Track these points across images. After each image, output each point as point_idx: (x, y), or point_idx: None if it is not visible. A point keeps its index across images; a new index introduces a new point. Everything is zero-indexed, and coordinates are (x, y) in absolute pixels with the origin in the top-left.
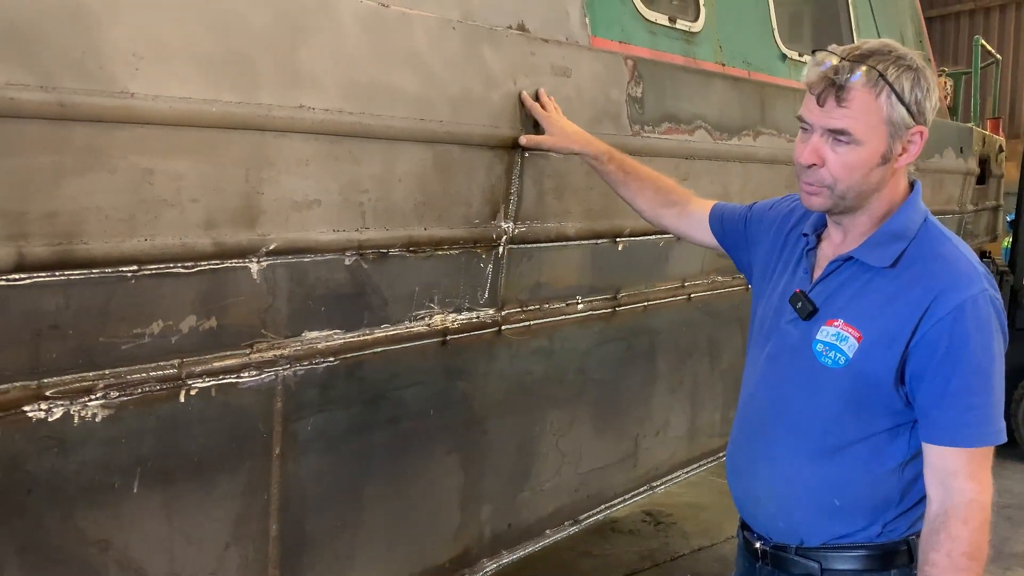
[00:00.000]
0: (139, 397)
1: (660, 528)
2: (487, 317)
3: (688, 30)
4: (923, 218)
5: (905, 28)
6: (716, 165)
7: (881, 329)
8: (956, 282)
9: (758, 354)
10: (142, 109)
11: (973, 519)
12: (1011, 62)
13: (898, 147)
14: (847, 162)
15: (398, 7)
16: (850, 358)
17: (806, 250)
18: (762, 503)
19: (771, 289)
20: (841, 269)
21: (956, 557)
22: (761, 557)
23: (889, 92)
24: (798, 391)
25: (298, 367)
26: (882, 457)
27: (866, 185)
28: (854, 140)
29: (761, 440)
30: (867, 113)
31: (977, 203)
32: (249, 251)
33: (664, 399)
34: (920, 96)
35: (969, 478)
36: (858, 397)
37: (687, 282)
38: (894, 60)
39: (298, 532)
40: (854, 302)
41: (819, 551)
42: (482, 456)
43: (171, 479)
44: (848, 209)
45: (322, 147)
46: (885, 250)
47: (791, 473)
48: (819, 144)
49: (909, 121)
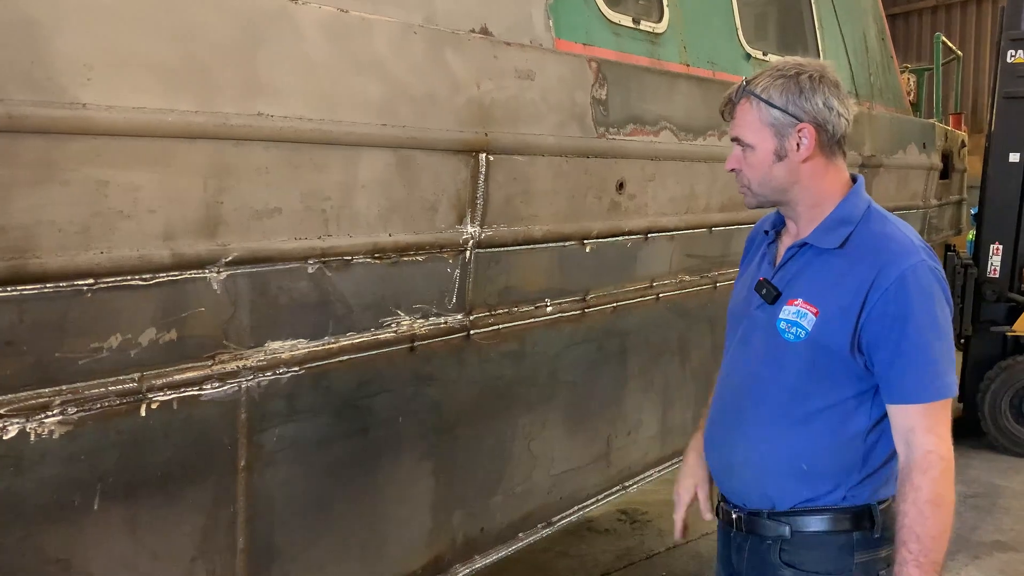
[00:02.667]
0: (98, 412)
1: (636, 527)
2: (455, 322)
3: (652, 31)
4: (867, 205)
5: (867, 26)
6: (682, 166)
7: (835, 303)
8: (897, 255)
9: (731, 339)
10: (95, 120)
11: (932, 468)
12: (972, 58)
13: (790, 144)
14: (750, 163)
15: (358, 12)
16: (809, 331)
17: (768, 244)
18: (736, 472)
19: (741, 284)
20: (798, 255)
21: (921, 505)
22: (736, 524)
23: (759, 101)
24: (766, 366)
25: (262, 378)
26: (847, 424)
27: (775, 180)
28: (747, 145)
29: (734, 414)
30: (748, 121)
31: (941, 198)
32: (209, 261)
33: (635, 399)
34: (794, 97)
35: (927, 432)
36: (819, 366)
37: (655, 282)
38: (771, 73)
39: (266, 544)
40: (811, 282)
41: (789, 515)
42: (453, 461)
43: (134, 494)
44: (776, 203)
45: (282, 154)
46: (834, 233)
47: (762, 442)
48: (736, 153)
49: (790, 120)
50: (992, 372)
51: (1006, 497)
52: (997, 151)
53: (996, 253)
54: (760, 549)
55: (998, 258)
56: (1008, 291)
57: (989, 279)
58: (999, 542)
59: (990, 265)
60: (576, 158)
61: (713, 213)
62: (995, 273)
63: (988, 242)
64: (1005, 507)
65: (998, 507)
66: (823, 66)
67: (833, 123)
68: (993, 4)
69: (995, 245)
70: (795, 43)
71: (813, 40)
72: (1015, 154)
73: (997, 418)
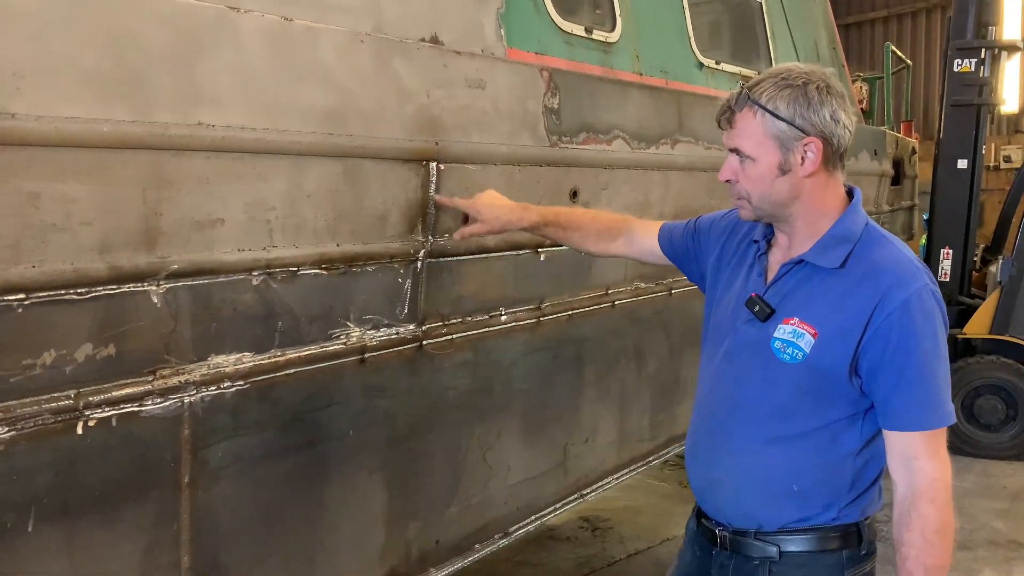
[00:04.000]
0: (31, 431)
1: (597, 534)
2: (407, 333)
3: (605, 40)
4: (865, 222)
5: (819, 36)
6: (636, 174)
7: (835, 325)
8: (901, 279)
9: (714, 353)
10: (25, 130)
11: (939, 497)
12: (922, 67)
13: (795, 158)
14: (750, 176)
15: (303, 21)
16: (807, 353)
17: (757, 255)
18: (722, 491)
19: (725, 293)
20: (793, 272)
21: (928, 535)
22: (720, 543)
23: (763, 112)
24: (756, 385)
25: (205, 392)
26: (837, 444)
27: (776, 195)
28: (748, 156)
29: (720, 432)
30: (750, 132)
31: (893, 203)
32: (148, 274)
33: (592, 407)
34: (802, 110)
35: (930, 458)
36: (815, 388)
37: (611, 290)
38: (776, 81)
39: (212, 562)
40: (808, 301)
41: (777, 535)
42: (406, 474)
43: (71, 514)
44: (773, 218)
45: (224, 164)
46: (833, 252)
47: (750, 460)
48: (733, 163)
49: (796, 133)
50: None
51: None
52: (946, 157)
53: (947, 257)
54: (746, 569)
55: (948, 262)
56: (959, 294)
57: (940, 283)
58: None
59: (941, 269)
60: (529, 167)
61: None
62: (946, 277)
63: (939, 246)
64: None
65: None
66: (828, 75)
67: (839, 136)
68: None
69: (945, 250)
70: (748, 52)
71: (765, 49)
72: (963, 160)
73: None
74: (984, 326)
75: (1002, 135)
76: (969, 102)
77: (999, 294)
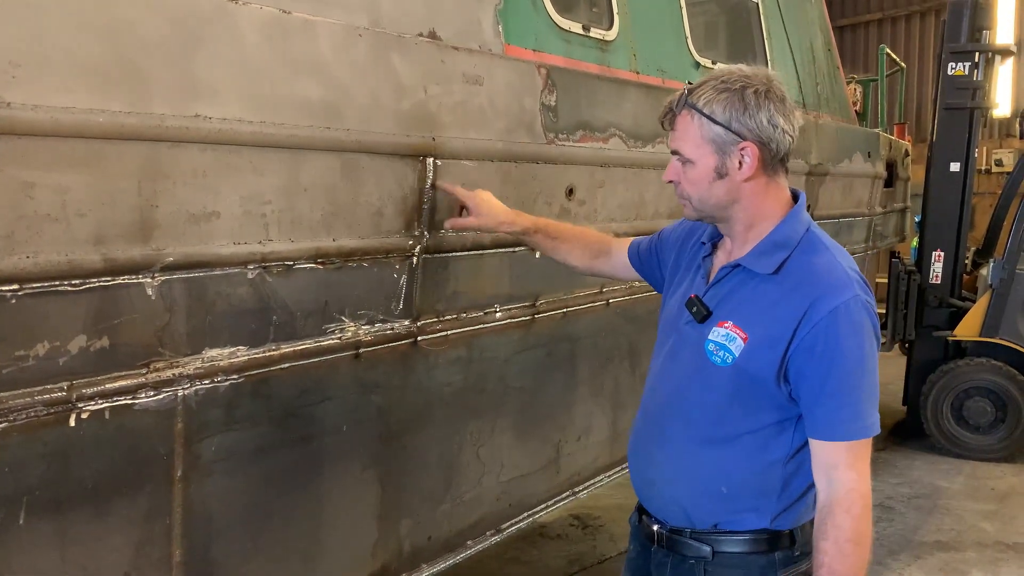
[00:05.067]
0: (24, 423)
1: (588, 531)
2: (402, 328)
3: (602, 38)
4: (805, 228)
5: (814, 37)
6: (631, 172)
7: (764, 331)
8: (831, 288)
9: (659, 352)
10: (20, 120)
11: (854, 507)
12: (916, 69)
13: (732, 162)
14: (689, 178)
15: (301, 14)
16: (736, 357)
17: (703, 257)
18: (656, 487)
19: (673, 294)
20: (731, 275)
21: (842, 543)
22: (657, 540)
23: (700, 115)
24: (692, 386)
25: (199, 386)
26: (767, 449)
27: (714, 197)
28: (686, 159)
29: (657, 429)
30: (687, 135)
31: (886, 205)
32: (143, 267)
33: (585, 405)
34: (737, 114)
35: (848, 468)
36: (743, 393)
37: (605, 288)
38: (715, 85)
39: (204, 557)
40: (742, 306)
41: (710, 535)
42: (399, 470)
43: (63, 508)
44: (714, 219)
45: (220, 157)
46: (769, 258)
47: (682, 460)
48: (675, 164)
49: (732, 138)
50: (934, 376)
51: (946, 498)
52: (939, 160)
53: (938, 260)
54: (682, 568)
55: (940, 265)
56: (950, 297)
57: (932, 285)
58: (940, 542)
59: (932, 271)
60: (525, 164)
61: (662, 220)
62: (937, 279)
63: (931, 249)
64: (945, 508)
65: (939, 508)
66: (769, 78)
67: (777, 141)
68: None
69: (937, 252)
70: (744, 52)
71: (762, 49)
72: (955, 163)
73: (939, 420)
74: (974, 329)
75: (994, 139)
76: (962, 105)
77: (989, 297)
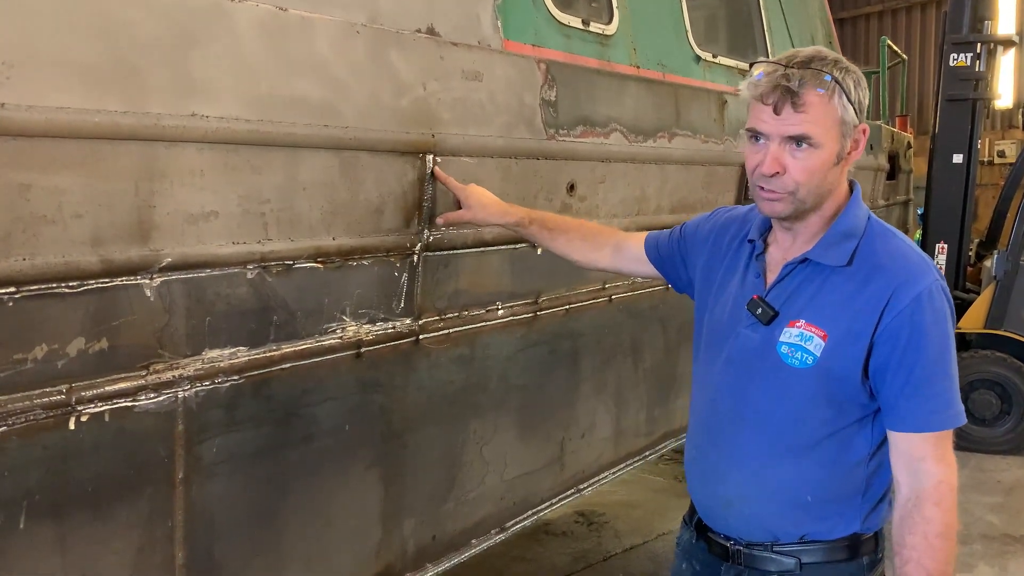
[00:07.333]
0: (22, 427)
1: (593, 528)
2: (403, 327)
3: (602, 33)
4: (867, 216)
5: (815, 30)
6: (632, 167)
7: (845, 326)
8: (911, 275)
9: (714, 359)
10: (14, 120)
11: (944, 500)
12: (918, 61)
13: (849, 146)
14: (808, 166)
15: (298, 11)
16: (817, 357)
17: (755, 255)
18: (734, 507)
19: (719, 297)
20: (796, 271)
21: (931, 538)
22: (732, 557)
23: (841, 93)
24: (764, 393)
25: (200, 387)
26: (849, 450)
27: (824, 186)
28: (814, 144)
29: (727, 444)
30: (824, 116)
31: (888, 198)
32: (141, 268)
33: (589, 401)
34: (862, 95)
35: (937, 461)
36: (827, 394)
37: (608, 284)
38: (835, 63)
39: (207, 559)
40: (814, 302)
41: (795, 546)
42: (403, 469)
43: (63, 511)
44: (806, 213)
45: (218, 156)
46: (838, 249)
47: (762, 474)
48: (779, 152)
49: (856, 120)
50: None
51: None
52: (941, 152)
53: (941, 252)
54: None
55: (943, 257)
56: (953, 289)
57: None
58: None
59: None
60: (526, 159)
61: (664, 215)
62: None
63: (934, 241)
64: None
65: None
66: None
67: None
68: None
69: (940, 244)
70: (744, 46)
71: (762, 43)
72: (958, 155)
73: None
74: (979, 321)
75: (996, 130)
76: (964, 97)
77: (994, 289)
